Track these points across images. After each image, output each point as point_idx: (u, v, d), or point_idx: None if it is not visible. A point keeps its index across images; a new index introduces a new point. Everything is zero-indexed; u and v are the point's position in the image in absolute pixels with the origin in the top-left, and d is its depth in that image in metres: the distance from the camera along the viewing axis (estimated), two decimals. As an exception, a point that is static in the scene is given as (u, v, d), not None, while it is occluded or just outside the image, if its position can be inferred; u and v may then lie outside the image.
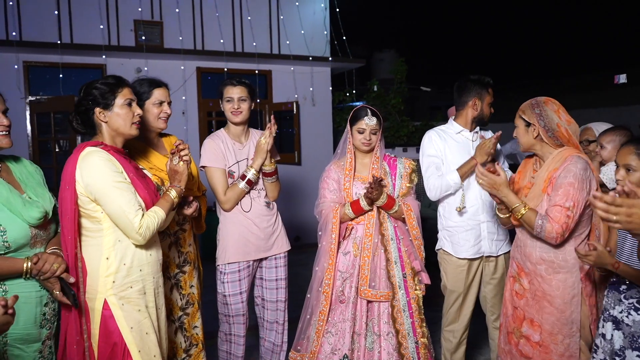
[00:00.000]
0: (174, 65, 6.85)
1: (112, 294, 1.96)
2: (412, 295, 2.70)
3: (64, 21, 6.37)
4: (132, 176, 2.03)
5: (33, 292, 1.95)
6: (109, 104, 2.03)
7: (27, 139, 6.25)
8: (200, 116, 7.12)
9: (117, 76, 2.10)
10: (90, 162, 1.93)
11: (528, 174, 2.45)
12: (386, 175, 2.77)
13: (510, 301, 2.46)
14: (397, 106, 8.74)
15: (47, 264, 1.86)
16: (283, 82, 7.62)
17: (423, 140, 3.04)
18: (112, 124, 2.05)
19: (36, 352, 2.00)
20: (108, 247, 1.98)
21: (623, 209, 1.32)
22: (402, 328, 2.66)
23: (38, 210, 1.94)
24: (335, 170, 2.78)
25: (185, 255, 2.61)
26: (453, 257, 2.95)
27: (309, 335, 2.72)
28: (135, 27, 6.71)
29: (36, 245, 1.98)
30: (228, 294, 2.80)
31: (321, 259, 2.70)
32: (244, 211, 2.82)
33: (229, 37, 7.29)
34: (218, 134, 2.89)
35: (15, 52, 6.05)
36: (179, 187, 2.16)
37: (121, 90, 2.05)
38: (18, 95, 6.13)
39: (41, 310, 1.99)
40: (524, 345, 2.37)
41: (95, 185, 1.92)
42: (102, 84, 2.04)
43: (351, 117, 2.75)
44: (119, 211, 1.92)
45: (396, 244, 2.72)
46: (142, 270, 2.05)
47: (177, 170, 2.18)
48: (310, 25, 7.83)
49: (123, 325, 1.97)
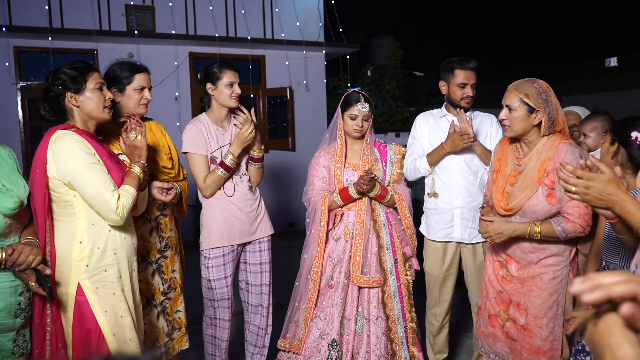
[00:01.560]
0: (166, 50, 6.80)
1: (86, 278, 1.95)
2: (403, 280, 2.72)
3: (55, 6, 6.30)
4: (105, 159, 2.01)
5: (7, 282, 1.93)
6: (80, 88, 2.01)
7: (19, 125, 6.23)
8: (193, 101, 7.09)
9: (85, 61, 2.08)
10: (62, 144, 1.91)
11: (510, 160, 2.35)
12: (377, 162, 2.77)
13: (492, 285, 2.45)
14: (391, 91, 8.71)
15: (23, 255, 1.82)
16: (277, 68, 7.56)
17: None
18: (84, 108, 2.03)
19: (10, 341, 1.98)
20: (81, 230, 1.96)
21: (582, 181, 1.43)
22: (392, 313, 2.68)
23: (12, 200, 1.90)
24: (325, 156, 2.77)
25: (167, 240, 2.60)
26: (428, 239, 3.00)
27: (297, 322, 2.73)
28: (126, 12, 6.65)
29: (10, 235, 1.95)
30: (212, 279, 2.81)
31: (310, 247, 2.71)
32: (227, 196, 2.81)
33: (221, 22, 7.23)
34: (200, 118, 2.85)
35: (6, 37, 6.00)
36: (141, 162, 2.11)
37: (91, 75, 2.04)
38: (9, 80, 6.10)
39: (16, 300, 1.96)
40: (510, 327, 2.37)
41: (68, 167, 1.89)
42: (71, 69, 2.02)
43: (342, 102, 2.73)
44: (95, 192, 1.90)
45: (388, 230, 2.73)
46: (116, 253, 2.03)
47: (136, 145, 2.13)
48: (304, 10, 7.76)
49: (97, 309, 1.96)
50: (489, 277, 2.48)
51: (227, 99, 2.78)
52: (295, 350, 2.70)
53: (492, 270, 2.47)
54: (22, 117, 6.25)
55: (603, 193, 1.43)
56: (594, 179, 1.43)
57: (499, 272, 2.42)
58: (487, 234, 2.31)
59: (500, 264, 2.44)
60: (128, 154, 2.15)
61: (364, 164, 2.73)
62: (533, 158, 2.23)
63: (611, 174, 1.43)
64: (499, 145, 2.48)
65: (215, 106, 2.84)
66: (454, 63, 2.88)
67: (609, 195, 1.42)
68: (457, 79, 2.87)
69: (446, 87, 2.93)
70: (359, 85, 9.25)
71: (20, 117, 6.24)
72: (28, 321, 2.03)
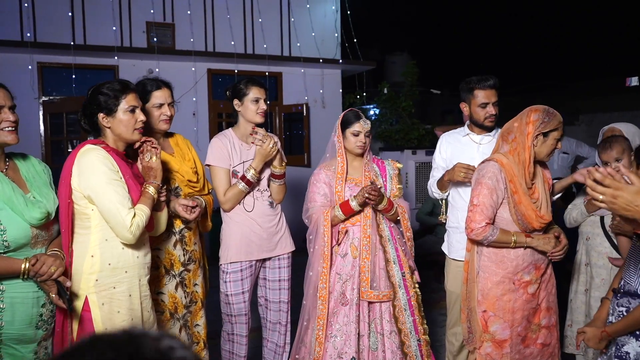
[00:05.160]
0: (185, 66, 6.90)
1: (94, 292, 1.96)
2: (412, 293, 2.72)
3: (78, 23, 6.45)
4: (128, 178, 2.04)
5: (30, 292, 1.94)
6: (112, 110, 2.05)
7: (40, 139, 6.33)
8: (210, 117, 7.16)
9: (124, 81, 2.11)
10: (88, 158, 1.95)
11: (521, 179, 2.36)
12: (377, 177, 2.82)
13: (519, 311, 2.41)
14: (407, 109, 8.72)
15: (45, 266, 1.84)
16: (293, 84, 7.63)
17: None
18: (115, 129, 2.07)
19: (31, 352, 1.98)
20: (94, 245, 1.98)
21: (610, 190, 1.42)
22: (405, 327, 2.68)
23: (40, 210, 1.93)
24: (326, 173, 2.78)
25: (191, 254, 2.61)
26: (450, 257, 2.98)
27: (307, 342, 2.71)
28: (147, 29, 6.78)
29: (37, 246, 1.97)
30: (230, 294, 2.81)
31: (314, 264, 2.70)
32: (247, 211, 2.83)
33: (239, 39, 7.33)
34: (225, 133, 2.90)
35: (30, 53, 6.14)
36: (156, 182, 2.15)
37: (125, 97, 2.07)
38: (32, 95, 6.22)
39: (38, 312, 1.97)
40: (544, 334, 2.46)
41: (90, 181, 1.93)
42: (107, 89, 2.06)
43: (343, 120, 2.77)
44: (113, 208, 1.93)
45: (393, 244, 2.74)
46: (127, 271, 2.04)
47: (151, 166, 2.17)
48: (321, 27, 7.84)
49: (98, 325, 1.96)
50: (512, 307, 2.41)
51: (253, 114, 2.82)
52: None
53: (516, 297, 2.40)
54: (43, 132, 6.36)
55: (631, 204, 1.41)
56: (622, 189, 1.41)
57: (528, 292, 2.42)
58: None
59: (525, 285, 2.42)
60: (144, 175, 2.18)
61: (367, 180, 2.75)
62: (538, 174, 2.44)
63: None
64: (501, 167, 2.36)
65: (242, 122, 2.87)
66: (473, 83, 2.84)
67: (637, 207, 1.40)
68: (477, 99, 2.84)
69: (467, 108, 2.91)
70: (375, 102, 9.27)
71: (42, 132, 6.35)
72: (50, 333, 2.04)
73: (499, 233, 2.34)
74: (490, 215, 2.35)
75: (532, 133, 2.31)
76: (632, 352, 1.91)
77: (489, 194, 2.33)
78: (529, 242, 2.35)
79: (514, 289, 2.41)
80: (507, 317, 2.41)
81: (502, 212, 2.39)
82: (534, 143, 2.32)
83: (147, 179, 2.16)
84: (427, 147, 7.04)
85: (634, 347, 1.91)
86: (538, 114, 2.32)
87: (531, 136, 2.31)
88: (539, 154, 2.34)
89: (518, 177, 2.35)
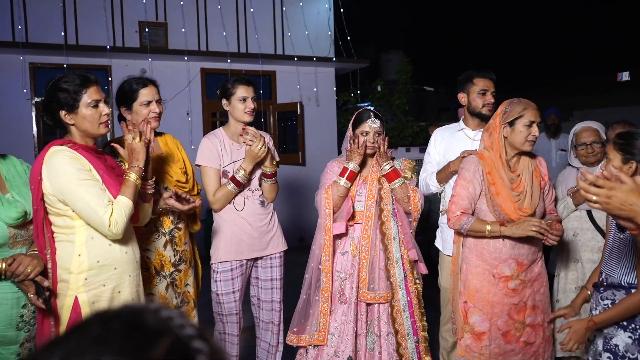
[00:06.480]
0: (178, 66, 6.88)
1: (84, 292, 1.93)
2: (412, 289, 2.69)
3: (70, 23, 6.42)
4: (103, 174, 1.97)
5: (9, 293, 1.92)
6: (73, 106, 1.94)
7: (33, 140, 6.30)
8: (204, 117, 7.14)
9: (83, 75, 1.99)
10: (54, 161, 1.88)
11: (501, 172, 2.43)
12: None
13: (499, 304, 2.43)
14: (401, 106, 8.72)
15: (22, 266, 1.81)
16: (287, 83, 7.61)
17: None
18: (79, 126, 1.97)
19: (14, 354, 1.96)
20: (80, 244, 1.93)
21: (604, 190, 1.43)
22: (402, 328, 2.66)
23: (16, 210, 1.91)
24: (338, 165, 2.77)
25: (181, 254, 2.60)
26: (444, 254, 2.97)
27: (310, 315, 2.68)
28: (139, 28, 6.75)
29: (17, 246, 1.96)
30: (221, 293, 2.80)
31: (317, 237, 2.71)
32: (237, 210, 2.82)
33: (233, 38, 7.30)
34: (216, 133, 2.88)
35: (22, 54, 6.11)
36: (137, 166, 2.03)
37: (86, 91, 1.95)
38: (24, 96, 6.19)
39: (18, 312, 1.95)
40: (528, 333, 2.44)
41: (60, 185, 1.87)
42: (67, 85, 1.94)
43: (354, 120, 2.77)
44: (88, 209, 1.87)
45: (398, 244, 2.70)
46: (116, 268, 1.99)
47: (133, 147, 2.06)
48: (314, 25, 7.82)
49: None
50: (490, 299, 2.44)
51: (241, 113, 2.81)
52: (319, 343, 2.63)
53: (495, 291, 2.44)
54: (36, 132, 6.33)
55: (625, 203, 1.41)
56: (615, 188, 1.41)
57: (508, 286, 2.43)
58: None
59: (506, 279, 2.43)
60: (127, 159, 2.10)
61: (373, 175, 2.74)
62: (526, 167, 2.45)
63: (633, 184, 1.41)
64: (480, 160, 2.47)
65: (232, 121, 2.86)
66: (473, 72, 2.92)
67: (631, 206, 1.40)
68: (477, 87, 2.89)
69: (466, 97, 2.94)
70: (369, 100, 9.27)
71: (35, 133, 6.32)
72: (34, 335, 2.01)
73: (473, 222, 2.39)
74: (467, 205, 2.43)
75: (498, 125, 2.43)
76: (622, 344, 1.92)
77: (465, 185, 2.44)
78: (503, 231, 2.34)
79: (493, 282, 2.44)
80: (486, 310, 2.44)
81: (480, 204, 2.45)
82: (503, 134, 2.41)
83: (130, 163, 2.06)
84: (420, 145, 7.04)
85: (623, 339, 1.92)
86: (503, 106, 2.46)
87: (498, 128, 2.43)
88: (514, 143, 2.40)
89: (498, 169, 2.42)
